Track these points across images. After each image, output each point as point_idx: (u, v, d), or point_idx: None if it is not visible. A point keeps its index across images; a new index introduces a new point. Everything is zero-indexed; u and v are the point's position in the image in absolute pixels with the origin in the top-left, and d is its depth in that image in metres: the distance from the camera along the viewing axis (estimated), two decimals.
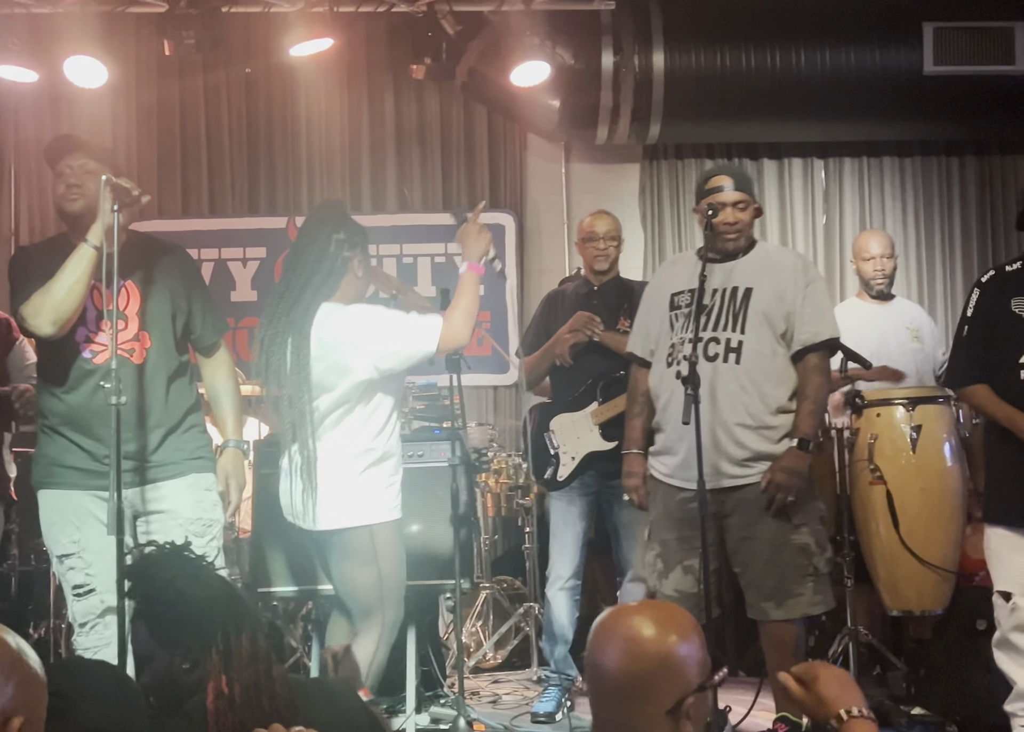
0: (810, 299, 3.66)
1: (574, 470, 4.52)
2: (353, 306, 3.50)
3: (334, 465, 3.46)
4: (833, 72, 6.24)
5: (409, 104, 6.87)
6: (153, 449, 3.45)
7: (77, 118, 6.59)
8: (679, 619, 1.84)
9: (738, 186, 3.76)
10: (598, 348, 4.57)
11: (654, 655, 1.77)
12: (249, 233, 6.69)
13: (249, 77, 6.74)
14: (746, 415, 3.60)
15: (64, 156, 3.45)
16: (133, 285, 3.45)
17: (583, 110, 6.42)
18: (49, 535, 3.43)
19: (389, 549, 3.50)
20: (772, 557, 3.54)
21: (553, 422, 4.59)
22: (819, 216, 6.98)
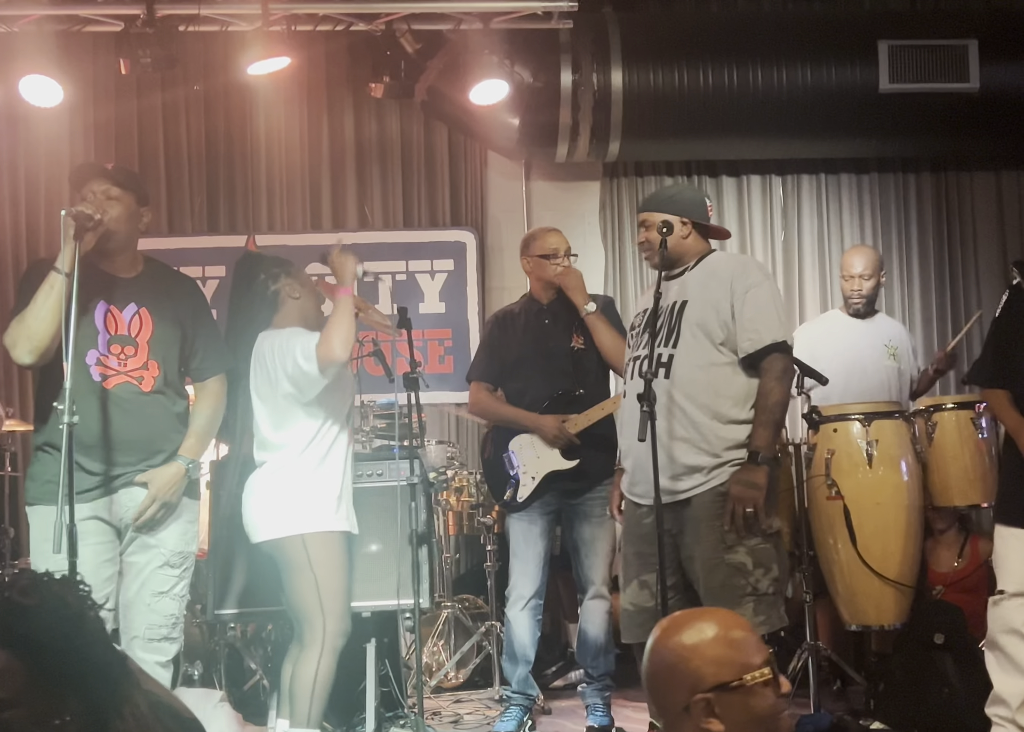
0: (749, 305, 3.57)
1: (534, 490, 4.47)
2: (285, 330, 3.79)
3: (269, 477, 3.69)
4: (790, 90, 6.28)
5: (369, 122, 6.87)
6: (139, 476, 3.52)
7: (34, 138, 6.55)
8: (700, 620, 1.93)
9: (643, 206, 3.86)
10: (555, 367, 4.54)
11: (658, 653, 1.92)
12: (208, 252, 6.65)
13: (207, 95, 6.71)
14: (679, 428, 3.55)
15: (88, 181, 3.54)
16: (147, 313, 3.55)
17: (543, 128, 6.44)
18: (39, 551, 3.46)
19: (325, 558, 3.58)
20: (707, 578, 3.49)
21: (513, 442, 4.54)
22: (778, 233, 7.02)
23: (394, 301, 6.56)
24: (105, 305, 3.51)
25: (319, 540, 3.62)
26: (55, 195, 6.52)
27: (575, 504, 4.49)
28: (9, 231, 6.65)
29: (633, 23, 6.42)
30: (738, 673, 1.85)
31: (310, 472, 3.69)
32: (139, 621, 3.53)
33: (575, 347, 4.52)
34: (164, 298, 3.59)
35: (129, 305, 3.54)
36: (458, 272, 6.78)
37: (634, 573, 3.64)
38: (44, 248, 6.57)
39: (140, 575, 3.54)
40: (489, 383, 4.70)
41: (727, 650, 1.87)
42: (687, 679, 1.86)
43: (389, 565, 4.12)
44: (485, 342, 4.81)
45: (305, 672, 3.55)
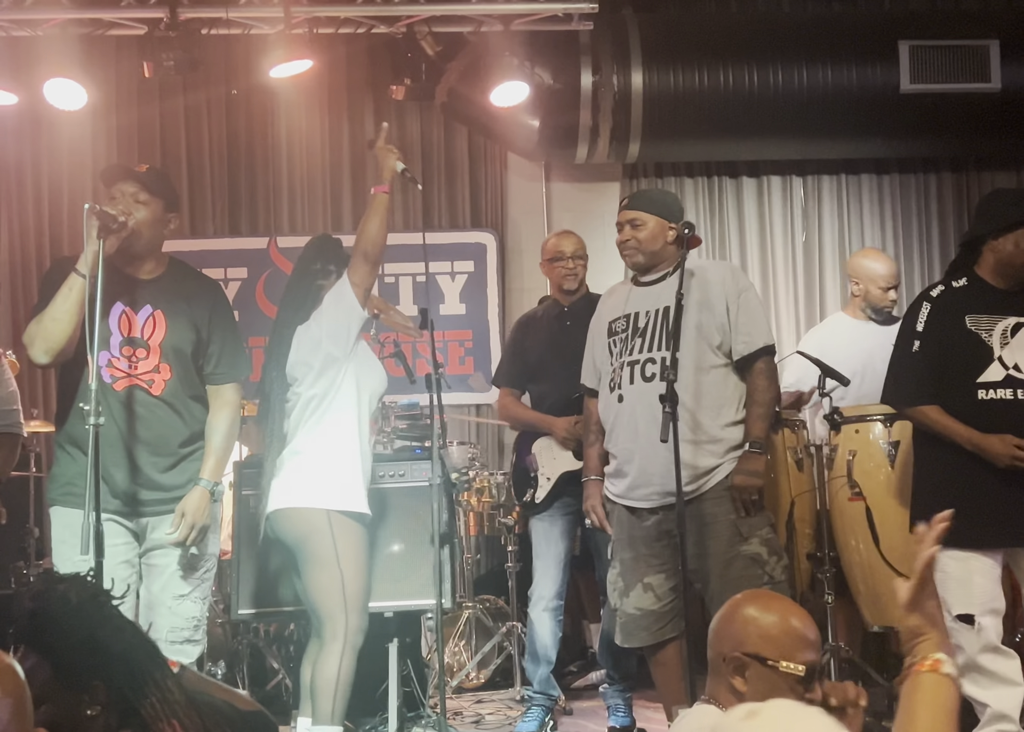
0: (743, 309, 3.67)
1: (550, 491, 4.52)
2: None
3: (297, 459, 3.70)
4: (810, 90, 6.29)
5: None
6: (163, 478, 3.53)
7: (57, 140, 6.60)
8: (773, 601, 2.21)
9: (632, 205, 3.81)
10: (575, 370, 4.56)
11: (728, 610, 2.19)
12: (230, 254, 6.69)
13: (229, 98, 6.75)
14: (687, 430, 3.55)
15: (118, 181, 3.54)
16: (161, 315, 3.53)
17: (563, 130, 6.45)
18: (59, 553, 3.47)
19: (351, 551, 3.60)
20: (724, 571, 3.53)
21: (535, 445, 4.61)
22: (798, 233, 7.02)
23: (415, 302, 6.61)
24: (121, 307, 3.50)
25: (344, 522, 3.61)
26: (78, 197, 6.56)
27: None
28: (33, 232, 6.71)
29: (653, 24, 6.43)
30: (777, 655, 2.08)
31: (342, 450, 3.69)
32: (161, 623, 3.53)
33: None
34: (181, 300, 3.57)
35: (144, 307, 3.53)
36: (478, 273, 6.80)
37: (637, 577, 3.64)
38: (68, 248, 6.62)
39: (161, 577, 3.54)
40: (514, 387, 4.78)
41: (779, 633, 2.10)
42: (736, 636, 2.12)
43: (411, 565, 4.15)
44: (509, 347, 4.88)
45: (327, 669, 3.55)
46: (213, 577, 3.71)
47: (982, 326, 3.62)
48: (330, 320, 3.72)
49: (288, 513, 3.65)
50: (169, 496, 3.52)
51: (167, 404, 3.54)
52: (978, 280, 3.68)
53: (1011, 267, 3.63)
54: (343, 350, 3.70)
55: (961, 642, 3.50)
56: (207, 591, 3.67)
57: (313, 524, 3.61)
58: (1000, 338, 3.60)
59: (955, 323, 3.62)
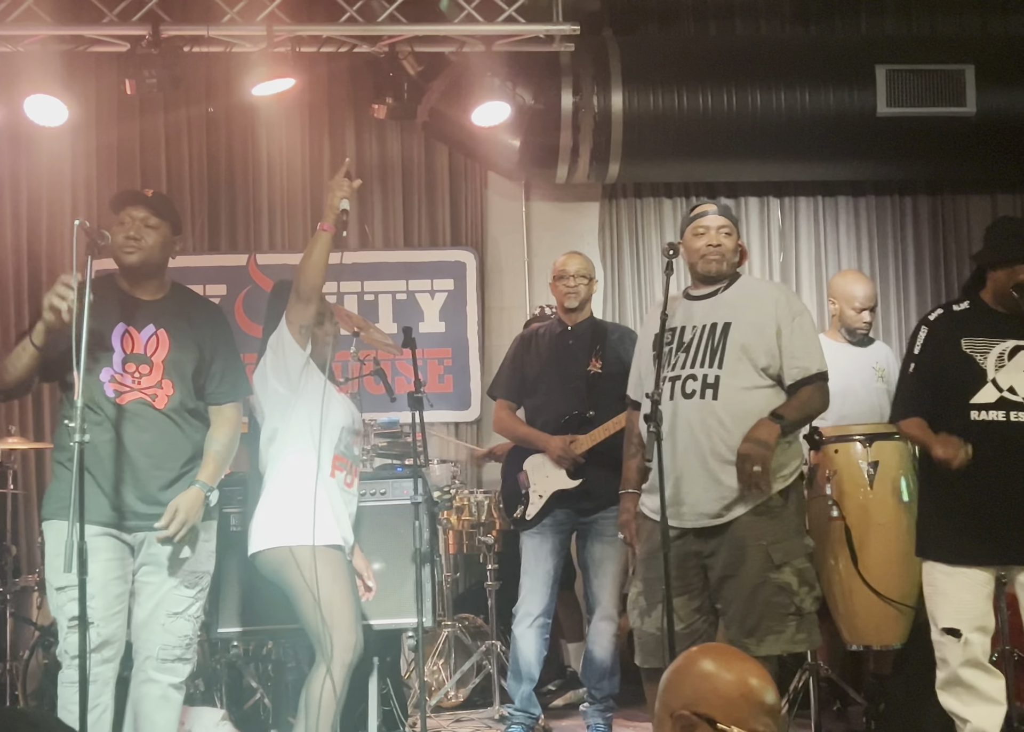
0: (797, 334, 3.64)
1: (541, 509, 4.55)
2: None
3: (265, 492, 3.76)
4: (788, 113, 6.35)
5: (371, 143, 6.91)
6: (163, 494, 3.54)
7: (37, 157, 6.58)
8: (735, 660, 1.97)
9: (723, 213, 3.83)
10: (571, 388, 4.60)
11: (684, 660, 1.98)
12: (209, 271, 6.68)
13: (210, 116, 6.74)
14: (727, 451, 3.53)
15: (127, 206, 3.59)
16: (164, 334, 3.59)
17: (543, 149, 6.49)
18: (52, 566, 3.46)
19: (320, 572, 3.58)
20: (752, 595, 3.50)
21: (527, 462, 4.64)
22: (776, 254, 7.08)
23: (395, 320, 6.61)
24: (124, 326, 3.56)
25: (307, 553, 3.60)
26: (58, 214, 6.55)
27: (587, 523, 4.54)
28: (10, 249, 6.67)
29: (633, 46, 6.48)
30: (729, 720, 1.87)
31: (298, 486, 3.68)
32: (153, 641, 3.54)
33: (591, 370, 4.61)
34: (183, 321, 3.63)
35: (147, 326, 3.59)
36: (458, 292, 6.81)
37: (659, 598, 3.56)
38: (46, 267, 6.60)
39: (155, 595, 3.55)
40: (511, 400, 4.80)
41: (735, 695, 1.89)
42: (688, 692, 1.91)
43: (392, 584, 4.14)
44: (509, 359, 4.90)
45: (312, 688, 3.55)
46: (206, 595, 3.71)
47: (978, 349, 3.67)
48: (272, 357, 3.77)
49: (260, 557, 3.70)
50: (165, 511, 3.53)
51: (169, 418, 3.57)
52: (981, 303, 3.76)
53: (1006, 297, 3.69)
54: (288, 387, 3.73)
55: (946, 655, 3.55)
56: (200, 609, 3.67)
57: (280, 561, 3.63)
58: (996, 361, 3.65)
59: (951, 346, 3.68)
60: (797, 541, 3.60)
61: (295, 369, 3.74)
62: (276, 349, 3.77)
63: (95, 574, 3.35)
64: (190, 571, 3.59)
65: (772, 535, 3.51)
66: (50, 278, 6.59)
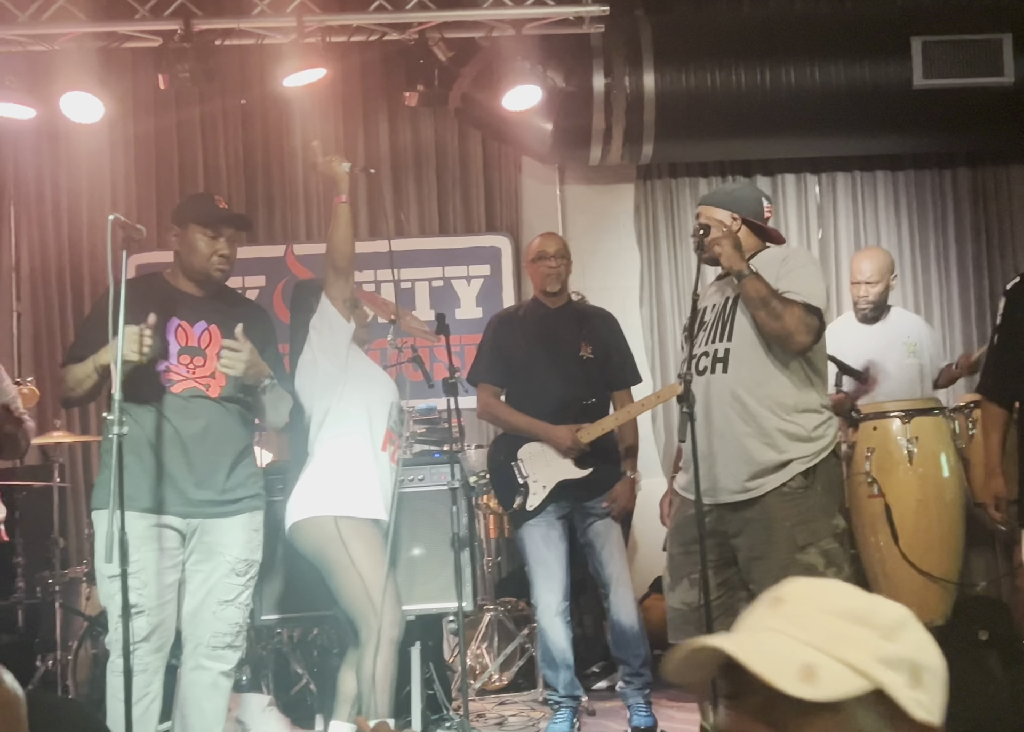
0: (793, 275, 3.49)
1: (545, 499, 4.49)
2: None
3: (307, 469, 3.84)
4: (823, 88, 6.27)
5: (404, 131, 6.93)
6: (218, 481, 3.61)
7: (75, 153, 6.66)
8: None
9: (699, 201, 3.84)
10: (566, 374, 4.57)
11: None
12: (247, 262, 6.70)
13: (245, 108, 6.79)
14: (742, 424, 3.51)
15: (227, 223, 3.70)
16: (216, 330, 3.67)
17: (576, 132, 6.46)
18: (103, 556, 3.48)
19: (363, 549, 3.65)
20: (779, 578, 3.47)
21: (521, 451, 4.55)
22: (814, 231, 7.01)
23: (432, 307, 6.63)
24: (177, 320, 3.64)
25: (354, 526, 3.68)
26: (97, 209, 6.62)
27: (587, 506, 4.54)
28: (52, 244, 6.77)
29: (664, 25, 6.43)
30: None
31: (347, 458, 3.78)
32: (204, 629, 3.59)
33: (584, 356, 4.57)
34: (233, 321, 3.68)
35: (199, 322, 3.67)
36: (494, 277, 6.82)
37: (684, 572, 3.61)
38: (87, 261, 6.69)
39: (206, 583, 3.60)
40: (495, 385, 4.71)
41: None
42: None
43: (432, 569, 4.18)
44: (489, 342, 4.77)
45: (365, 667, 3.61)
46: (255, 583, 3.76)
47: None
48: (319, 338, 3.84)
49: (300, 526, 3.75)
50: (220, 499, 3.60)
51: (223, 407, 3.65)
52: None
53: None
54: (337, 364, 3.80)
55: None
56: (250, 597, 3.72)
57: (323, 533, 3.68)
58: None
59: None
60: (823, 522, 3.53)
61: (343, 345, 3.82)
62: (320, 329, 3.84)
63: (145, 563, 3.42)
64: (239, 559, 3.63)
65: (797, 516, 3.48)
66: (91, 272, 6.69)
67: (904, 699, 1.11)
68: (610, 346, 4.68)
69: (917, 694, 1.12)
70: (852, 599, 1.19)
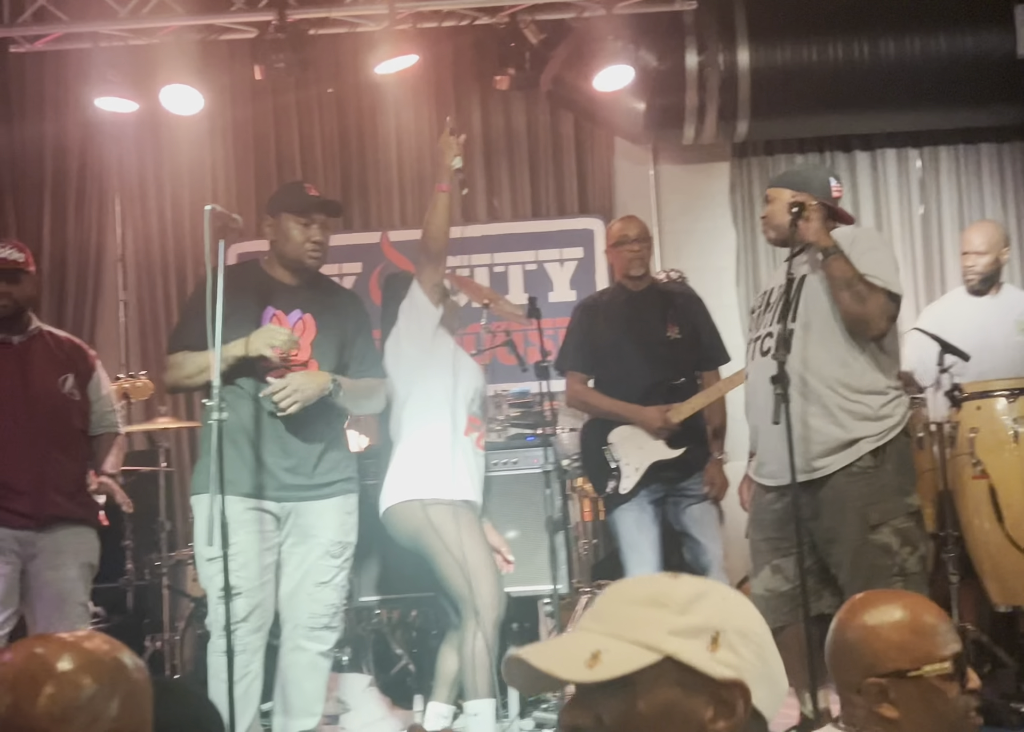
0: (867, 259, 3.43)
1: (639, 481, 4.46)
2: None
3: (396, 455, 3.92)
4: (924, 59, 6.12)
5: (496, 115, 6.94)
6: (310, 466, 3.67)
7: (176, 145, 6.80)
8: (890, 602, 1.88)
9: (769, 183, 3.84)
10: (652, 356, 4.54)
11: (841, 630, 1.88)
12: (343, 249, 6.79)
13: (339, 96, 6.87)
14: (808, 404, 3.46)
15: (318, 210, 3.75)
16: (311, 319, 3.73)
17: (669, 111, 6.40)
18: (201, 539, 3.58)
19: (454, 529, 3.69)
20: (855, 559, 3.42)
21: (612, 435, 4.51)
22: (916, 207, 6.85)
23: (525, 291, 6.64)
24: (272, 310, 3.70)
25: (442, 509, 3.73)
26: (198, 198, 6.75)
27: (680, 488, 4.49)
28: (156, 234, 6.95)
29: (758, 0, 6.32)
30: (917, 662, 1.77)
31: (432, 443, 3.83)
32: (301, 610, 3.66)
33: (671, 337, 4.53)
34: (327, 310, 3.76)
35: (294, 311, 3.72)
36: (587, 260, 6.80)
37: (765, 559, 3.58)
38: (191, 252, 6.85)
39: (302, 565, 3.67)
40: (583, 372, 4.69)
41: (911, 636, 1.79)
42: (864, 659, 1.80)
43: (527, 551, 4.19)
44: (574, 330, 4.75)
45: (466, 647, 3.67)
46: (350, 565, 3.82)
47: None
48: (406, 322, 3.91)
49: (391, 512, 3.82)
50: (313, 483, 3.66)
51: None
52: None
53: None
54: (421, 349, 3.86)
55: None
56: (346, 579, 3.78)
57: (413, 518, 3.75)
58: None
59: None
60: (896, 500, 3.46)
61: (429, 330, 3.87)
62: (409, 314, 3.91)
63: (244, 545, 3.50)
64: (334, 541, 3.69)
65: (868, 496, 3.41)
66: (194, 261, 6.84)
67: (700, 662, 1.16)
68: (698, 326, 4.64)
69: (720, 655, 1.17)
70: (652, 586, 1.26)
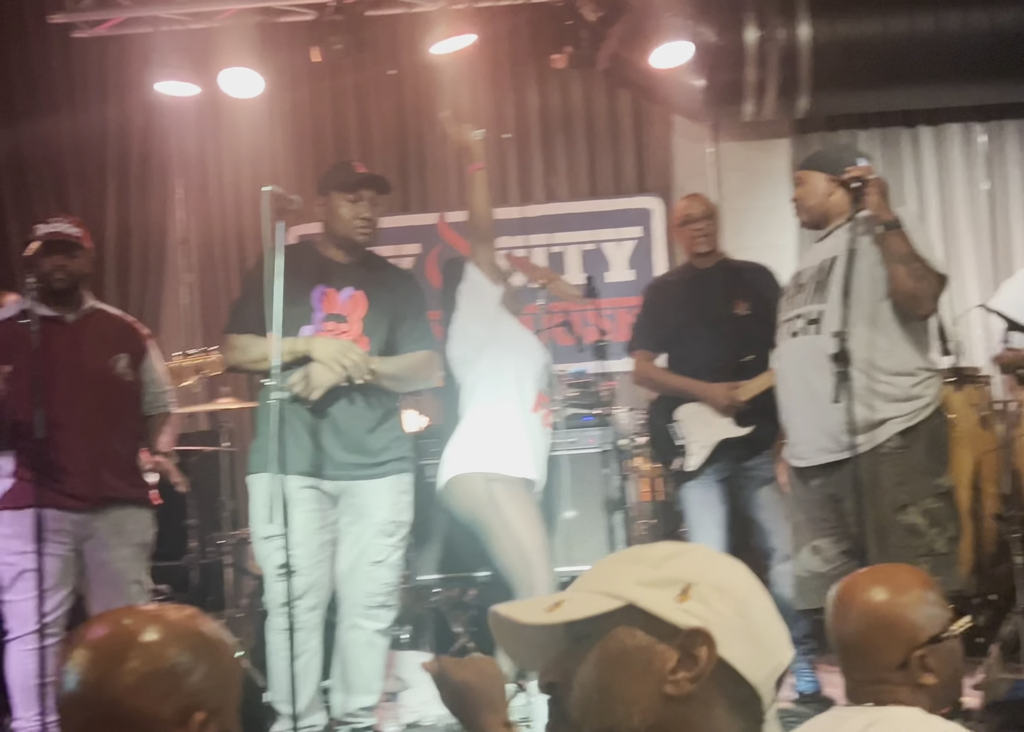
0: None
1: (706, 459, 4.43)
2: None
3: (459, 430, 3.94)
4: (990, 31, 5.98)
5: (553, 94, 6.90)
6: (364, 441, 3.71)
7: (236, 128, 6.85)
8: (897, 577, 1.96)
9: (801, 165, 3.84)
10: (719, 333, 4.50)
11: (866, 614, 1.92)
12: (401, 231, 6.82)
13: (397, 77, 6.87)
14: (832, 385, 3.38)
15: (365, 185, 3.79)
16: (363, 296, 3.78)
17: (728, 88, 6.32)
18: (257, 518, 3.66)
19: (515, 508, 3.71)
20: (882, 540, 3.39)
21: (679, 412, 4.48)
22: (982, 182, 6.72)
23: (584, 271, 6.62)
24: (323, 288, 3.74)
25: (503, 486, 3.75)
26: (259, 180, 6.78)
27: (747, 468, 4.44)
28: (217, 216, 7.02)
29: None
30: (946, 625, 1.88)
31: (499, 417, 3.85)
32: (358, 589, 3.70)
33: (738, 313, 4.48)
34: (381, 286, 3.78)
35: (346, 288, 3.76)
36: (645, 239, 6.76)
37: (806, 539, 3.58)
38: (251, 233, 6.90)
39: (357, 544, 3.70)
40: (651, 351, 4.67)
41: (933, 602, 1.91)
42: (905, 634, 1.88)
43: (586, 531, 4.20)
44: (643, 310, 4.75)
45: None
46: (405, 544, 3.85)
47: None
48: (467, 304, 3.93)
49: (452, 484, 3.81)
50: (367, 461, 3.70)
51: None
52: None
53: None
54: (486, 327, 3.88)
55: None
56: (401, 558, 3.82)
57: (474, 492, 3.75)
58: None
59: None
60: (925, 481, 3.42)
61: (491, 308, 3.90)
62: (469, 296, 3.93)
63: (298, 524, 3.53)
64: (388, 520, 3.72)
65: (895, 477, 3.38)
66: (255, 243, 6.89)
67: (665, 610, 1.18)
68: (769, 301, 4.58)
69: (688, 605, 1.19)
70: (640, 549, 1.28)
